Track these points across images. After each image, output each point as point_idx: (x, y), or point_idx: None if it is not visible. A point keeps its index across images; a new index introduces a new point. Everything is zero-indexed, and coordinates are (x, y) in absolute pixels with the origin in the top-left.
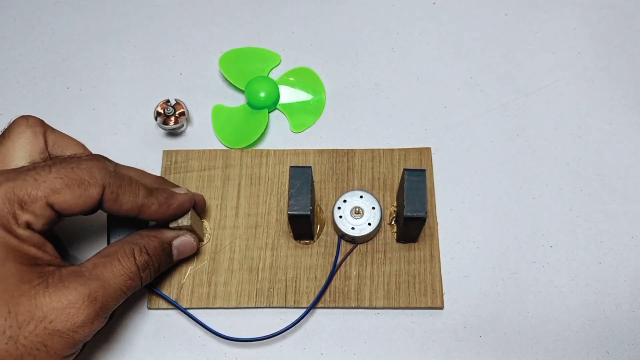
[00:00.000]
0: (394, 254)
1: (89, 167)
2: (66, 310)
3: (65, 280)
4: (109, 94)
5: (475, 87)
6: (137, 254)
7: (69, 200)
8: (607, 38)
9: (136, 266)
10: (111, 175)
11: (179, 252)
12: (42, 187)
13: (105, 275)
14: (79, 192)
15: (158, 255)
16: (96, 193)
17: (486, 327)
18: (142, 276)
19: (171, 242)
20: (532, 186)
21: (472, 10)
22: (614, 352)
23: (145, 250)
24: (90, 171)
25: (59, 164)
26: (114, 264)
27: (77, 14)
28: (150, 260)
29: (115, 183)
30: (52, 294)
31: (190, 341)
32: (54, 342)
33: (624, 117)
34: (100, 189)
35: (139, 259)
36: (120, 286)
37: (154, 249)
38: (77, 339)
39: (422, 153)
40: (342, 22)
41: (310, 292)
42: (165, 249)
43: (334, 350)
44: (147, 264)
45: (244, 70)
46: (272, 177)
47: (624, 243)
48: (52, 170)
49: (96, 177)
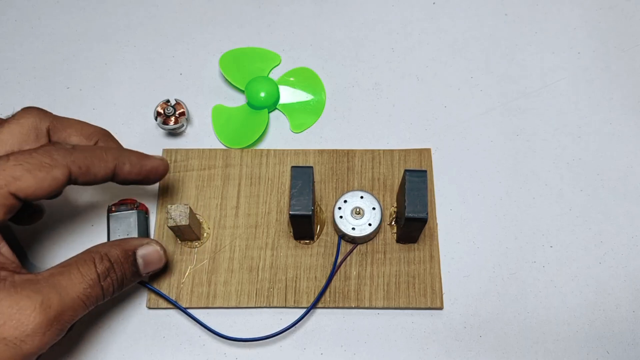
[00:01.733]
0: (394, 255)
1: (46, 150)
2: (15, 317)
3: (18, 287)
4: (109, 94)
5: (475, 87)
6: (98, 261)
7: (32, 186)
8: (607, 38)
9: (96, 274)
10: (71, 153)
11: (145, 262)
12: (2, 175)
13: (62, 283)
14: (41, 175)
15: (120, 264)
16: (61, 174)
17: (486, 327)
18: (102, 285)
19: (135, 250)
20: (532, 186)
21: (472, 10)
22: (614, 352)
23: (107, 258)
24: (49, 154)
25: (18, 152)
26: (72, 272)
27: (77, 14)
28: (112, 268)
29: (79, 158)
30: (2, 299)
31: (190, 341)
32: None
33: (624, 117)
34: (64, 170)
35: (100, 267)
36: (78, 295)
37: (116, 256)
38: (25, 350)
39: (422, 154)
40: (342, 22)
41: (310, 292)
42: (129, 257)
43: (334, 350)
44: (107, 272)
45: (244, 70)
46: (272, 177)
47: (624, 243)
48: (10, 158)
49: (56, 158)
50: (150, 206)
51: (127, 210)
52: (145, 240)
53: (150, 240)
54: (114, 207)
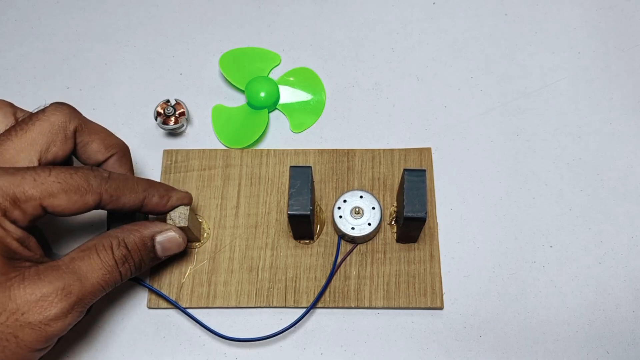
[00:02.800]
0: (393, 254)
1: (85, 174)
2: (39, 303)
3: (41, 274)
4: (109, 94)
5: (475, 87)
6: (115, 247)
7: (63, 205)
8: (607, 38)
9: (114, 260)
10: (106, 181)
11: (163, 248)
12: (40, 188)
13: (82, 269)
14: (74, 198)
15: (138, 250)
16: (92, 200)
17: (486, 327)
18: (120, 270)
19: (153, 236)
20: (532, 186)
21: (472, 10)
22: (614, 352)
23: (124, 244)
24: (86, 178)
25: (59, 169)
26: (92, 258)
27: (77, 14)
28: (129, 254)
29: (112, 187)
30: (26, 286)
31: (190, 341)
32: (25, 334)
33: (624, 117)
34: (96, 197)
35: (117, 253)
36: (98, 280)
37: (133, 243)
38: (49, 332)
39: (422, 153)
40: (342, 22)
41: (310, 292)
42: (147, 244)
43: (334, 350)
44: (125, 258)
45: (244, 70)
46: (272, 177)
47: (624, 243)
48: (52, 173)
49: (92, 184)
50: None
51: None
52: (165, 226)
53: (169, 226)
54: None
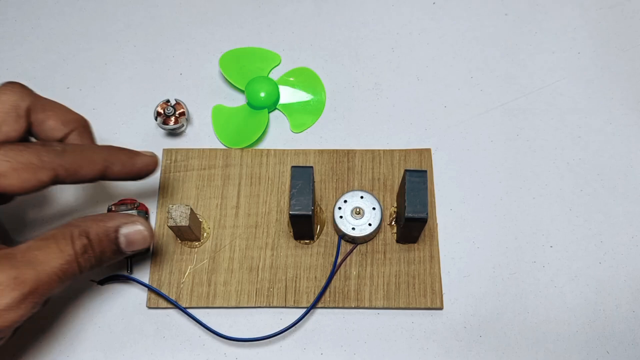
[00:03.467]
0: (393, 255)
1: (36, 150)
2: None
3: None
4: (109, 94)
5: (475, 87)
6: (76, 237)
7: (15, 184)
8: (607, 38)
9: (73, 250)
10: (61, 155)
11: (127, 242)
12: None
13: (38, 257)
14: (25, 175)
15: (100, 241)
16: (46, 177)
17: (486, 327)
18: (79, 261)
19: (117, 228)
20: (532, 186)
21: (472, 10)
22: (614, 352)
23: (85, 234)
24: (38, 154)
25: (7, 146)
26: (50, 247)
27: (77, 14)
28: (90, 245)
29: (67, 161)
30: None
31: (190, 341)
32: None
33: (624, 117)
34: (50, 172)
35: (77, 243)
36: (54, 270)
37: (95, 234)
38: (0, 323)
39: (422, 154)
40: (342, 22)
41: (310, 292)
42: (110, 236)
43: (334, 350)
44: (85, 249)
45: (244, 70)
46: (272, 177)
47: (624, 243)
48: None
49: (44, 160)
50: (150, 206)
51: (127, 210)
52: (132, 218)
53: (136, 218)
54: (113, 207)
